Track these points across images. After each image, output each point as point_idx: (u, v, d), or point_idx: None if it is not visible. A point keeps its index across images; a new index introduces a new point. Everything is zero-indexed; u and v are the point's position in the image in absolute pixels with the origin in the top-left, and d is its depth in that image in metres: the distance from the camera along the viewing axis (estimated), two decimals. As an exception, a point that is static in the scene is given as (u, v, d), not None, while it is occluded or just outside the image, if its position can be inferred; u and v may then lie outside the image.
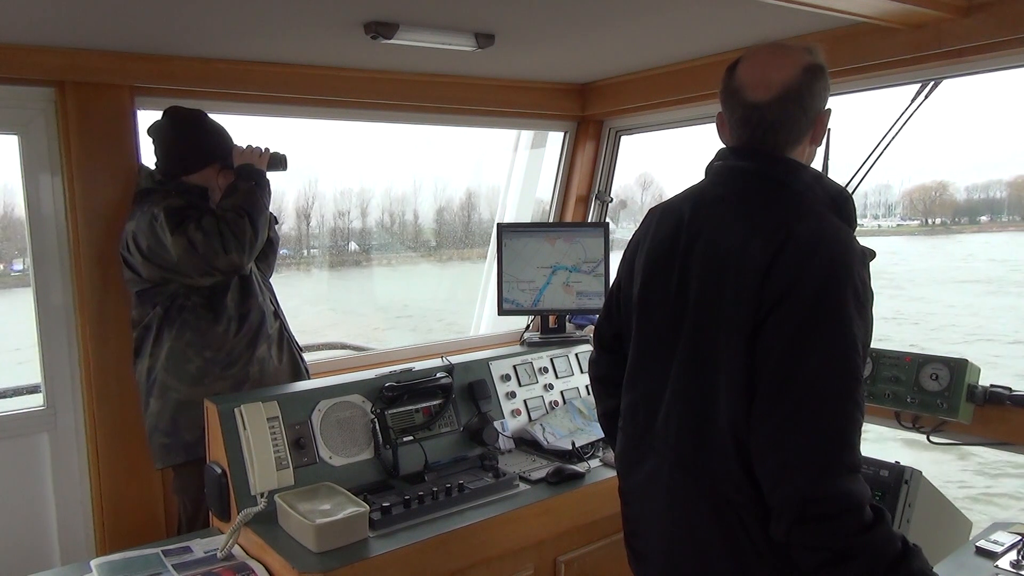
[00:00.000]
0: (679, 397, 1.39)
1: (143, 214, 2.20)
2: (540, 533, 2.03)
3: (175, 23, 2.09)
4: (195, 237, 2.14)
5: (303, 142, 2.53)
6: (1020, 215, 9.55)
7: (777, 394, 1.23)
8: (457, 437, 2.29)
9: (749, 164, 1.40)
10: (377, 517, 1.84)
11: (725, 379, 1.30)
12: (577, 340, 2.82)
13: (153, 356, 2.24)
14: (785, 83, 1.35)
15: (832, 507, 1.17)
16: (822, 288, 1.22)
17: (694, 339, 1.37)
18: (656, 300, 1.47)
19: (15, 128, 2.35)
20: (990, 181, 9.09)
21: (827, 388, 1.20)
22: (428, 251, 11.35)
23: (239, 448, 1.93)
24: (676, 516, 1.41)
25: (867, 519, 1.18)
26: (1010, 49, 2.00)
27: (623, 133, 3.49)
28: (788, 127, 1.37)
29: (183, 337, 2.22)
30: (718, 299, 1.33)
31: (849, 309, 1.21)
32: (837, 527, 1.17)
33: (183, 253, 2.13)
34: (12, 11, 1.92)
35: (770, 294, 1.24)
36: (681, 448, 1.38)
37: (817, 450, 1.19)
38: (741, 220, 1.35)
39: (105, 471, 2.45)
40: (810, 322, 1.22)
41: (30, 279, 2.44)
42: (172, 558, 1.81)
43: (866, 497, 1.19)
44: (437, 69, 2.85)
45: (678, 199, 1.52)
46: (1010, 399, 2.09)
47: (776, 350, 1.23)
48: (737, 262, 1.31)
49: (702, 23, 2.26)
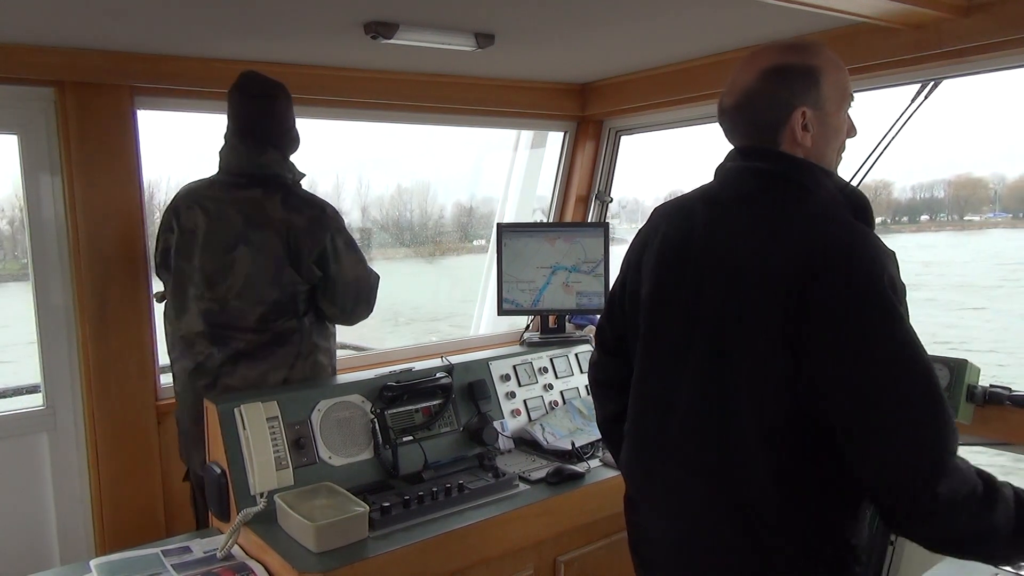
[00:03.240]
0: (698, 403, 1.35)
1: (311, 213, 2.17)
2: (540, 533, 2.03)
3: (175, 23, 2.09)
4: (366, 266, 2.30)
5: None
6: (958, 214, 9.60)
7: (868, 404, 1.19)
8: (457, 437, 2.29)
9: (768, 166, 1.36)
10: (377, 517, 1.84)
11: (751, 388, 1.27)
12: (577, 340, 2.82)
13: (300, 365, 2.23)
14: (744, 88, 1.37)
15: (958, 496, 1.16)
16: (871, 292, 1.19)
17: (712, 345, 1.33)
18: (668, 303, 1.42)
19: (15, 128, 2.35)
20: (935, 180, 9.12)
21: (921, 383, 1.18)
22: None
23: (239, 448, 1.93)
24: (694, 523, 1.37)
25: (980, 493, 1.18)
26: (1010, 49, 2.00)
27: (623, 133, 3.49)
28: (750, 131, 1.38)
29: (326, 343, 2.29)
30: (739, 305, 1.29)
31: (897, 307, 1.20)
32: (964, 513, 1.16)
33: (354, 281, 2.25)
34: (12, 11, 1.92)
35: (819, 305, 1.20)
36: (703, 456, 1.34)
37: (934, 444, 1.17)
38: (761, 222, 1.31)
39: (105, 471, 2.45)
40: (882, 326, 1.19)
41: (30, 279, 2.44)
42: (172, 558, 1.81)
43: (973, 472, 1.19)
44: (437, 69, 2.85)
45: (689, 199, 1.48)
46: (1010, 399, 2.09)
47: (847, 362, 1.19)
48: (761, 267, 1.27)
49: (702, 23, 2.26)
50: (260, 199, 2.15)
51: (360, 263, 2.27)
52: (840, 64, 1.39)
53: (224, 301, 2.14)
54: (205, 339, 2.17)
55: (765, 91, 1.35)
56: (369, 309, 2.35)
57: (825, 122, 1.36)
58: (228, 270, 2.13)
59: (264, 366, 2.16)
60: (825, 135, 1.37)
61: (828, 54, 1.37)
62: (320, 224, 2.18)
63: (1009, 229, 10.33)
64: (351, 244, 2.25)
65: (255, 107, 2.20)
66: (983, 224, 10.00)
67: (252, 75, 2.22)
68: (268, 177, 2.19)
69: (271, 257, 2.13)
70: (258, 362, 2.15)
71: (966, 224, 9.79)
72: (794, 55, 1.35)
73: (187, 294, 2.19)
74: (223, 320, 2.15)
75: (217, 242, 2.15)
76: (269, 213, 2.14)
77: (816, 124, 1.35)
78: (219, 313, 2.15)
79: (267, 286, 2.13)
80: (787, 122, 1.34)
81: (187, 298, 2.19)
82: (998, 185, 9.53)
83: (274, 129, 2.21)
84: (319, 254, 2.17)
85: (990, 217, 9.81)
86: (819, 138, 1.36)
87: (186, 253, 2.19)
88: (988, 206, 9.72)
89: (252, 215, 2.14)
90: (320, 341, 2.27)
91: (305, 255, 2.15)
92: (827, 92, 1.35)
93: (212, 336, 2.16)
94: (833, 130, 1.38)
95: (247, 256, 2.13)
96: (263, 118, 2.20)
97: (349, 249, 2.23)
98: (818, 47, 1.38)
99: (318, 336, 2.26)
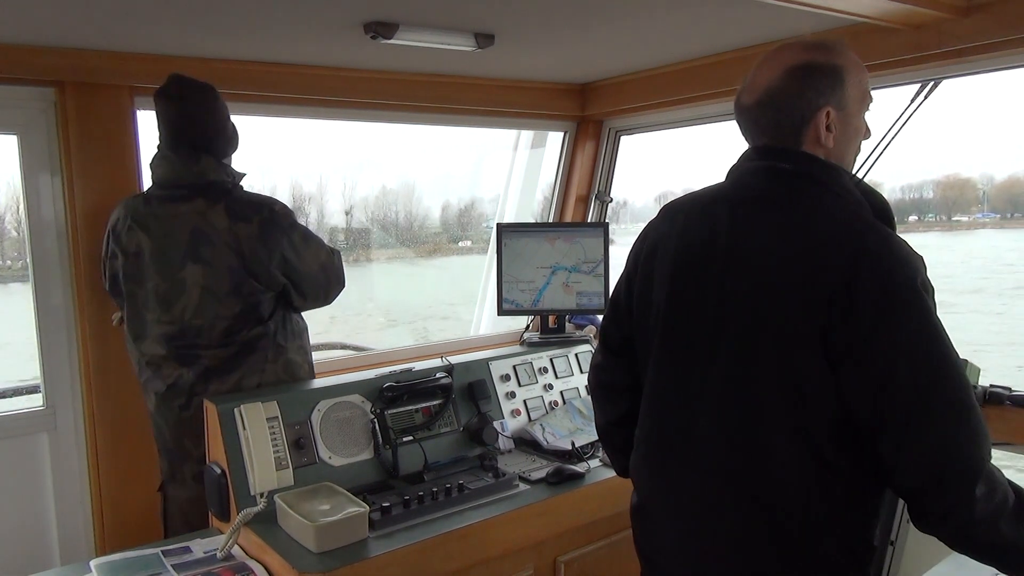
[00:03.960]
0: (725, 407, 1.32)
1: (259, 218, 2.09)
2: (540, 533, 2.03)
3: (175, 23, 2.09)
4: (327, 251, 2.23)
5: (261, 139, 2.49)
6: (946, 215, 9.59)
7: (910, 405, 1.19)
8: (457, 437, 2.29)
9: (793, 166, 1.34)
10: (377, 517, 1.84)
11: (782, 390, 1.26)
12: (577, 340, 2.82)
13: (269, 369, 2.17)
14: (767, 86, 1.34)
15: (993, 503, 1.18)
16: (907, 294, 1.19)
17: (740, 348, 1.30)
18: (690, 306, 1.38)
19: (15, 128, 2.35)
20: (924, 181, 9.12)
21: (960, 389, 1.19)
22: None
23: (239, 448, 1.93)
24: (717, 527, 1.35)
25: (1012, 503, 1.21)
26: (1010, 49, 2.00)
27: (623, 133, 3.49)
28: (771, 130, 1.35)
29: (296, 346, 2.23)
30: (769, 308, 1.27)
31: (932, 309, 1.20)
32: (1000, 520, 1.19)
33: (320, 270, 2.21)
34: (12, 11, 1.92)
35: (852, 308, 1.19)
36: (730, 459, 1.32)
37: (976, 451, 1.18)
38: (788, 224, 1.29)
39: (105, 471, 2.45)
40: (919, 332, 1.19)
41: (30, 279, 2.44)
42: (172, 558, 1.81)
43: (1005, 480, 1.22)
44: (437, 69, 2.85)
45: (704, 197, 1.44)
46: (1010, 399, 2.09)
47: (888, 364, 1.19)
48: (791, 270, 1.25)
49: (702, 23, 2.26)
50: (204, 211, 2.06)
51: (320, 250, 2.22)
52: (861, 64, 1.37)
53: (182, 321, 2.07)
54: (171, 361, 2.11)
55: (791, 89, 1.32)
56: (341, 285, 2.31)
57: (847, 123, 1.35)
58: (181, 289, 2.06)
59: (235, 376, 2.10)
60: (846, 136, 1.35)
61: (851, 54, 1.36)
62: (272, 226, 2.10)
63: (997, 230, 10.33)
64: (307, 236, 2.19)
65: (180, 111, 2.11)
66: (971, 224, 9.99)
67: (175, 77, 2.14)
68: (207, 186, 2.09)
69: (225, 270, 2.05)
70: (230, 374, 2.10)
71: (954, 225, 9.78)
72: (820, 54, 1.33)
73: (144, 318, 2.12)
74: (185, 340, 2.09)
75: (165, 262, 2.07)
76: (216, 225, 2.05)
77: (839, 124, 1.33)
78: (180, 335, 2.08)
79: (226, 299, 2.06)
80: (812, 121, 1.32)
81: (145, 322, 2.12)
82: (987, 185, 9.53)
83: (205, 132, 2.12)
84: (280, 259, 2.11)
85: (978, 217, 9.80)
86: (841, 139, 1.35)
87: (136, 277, 2.12)
88: (977, 206, 9.72)
89: (198, 229, 2.05)
90: (289, 341, 2.20)
91: (264, 262, 2.08)
92: (851, 92, 1.34)
93: (178, 357, 2.10)
94: (854, 131, 1.37)
95: (199, 272, 2.05)
96: (191, 122, 2.11)
97: (307, 243, 2.18)
98: (842, 46, 1.36)
99: (286, 336, 2.19)
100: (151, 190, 2.16)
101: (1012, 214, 10.17)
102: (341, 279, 2.31)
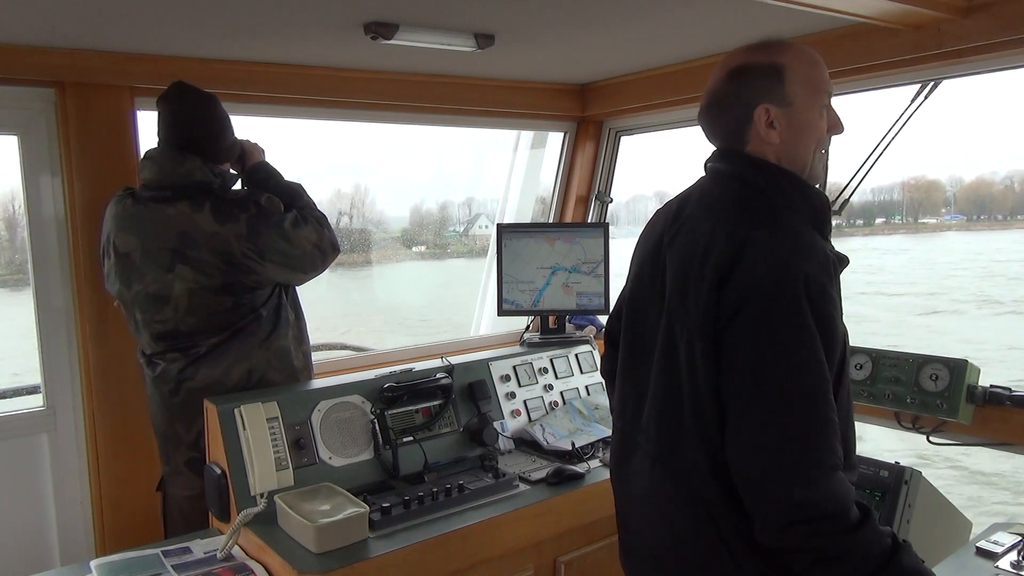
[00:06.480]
0: (657, 395, 1.41)
1: (247, 216, 2.06)
2: (540, 533, 2.03)
3: (175, 23, 2.09)
4: (317, 229, 2.19)
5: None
6: (913, 217, 9.60)
7: (747, 404, 1.23)
8: (457, 437, 2.29)
9: (728, 167, 1.41)
10: (377, 518, 1.84)
11: (689, 382, 1.32)
12: (577, 341, 2.82)
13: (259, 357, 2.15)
14: (712, 90, 1.42)
15: (818, 510, 1.16)
16: (777, 295, 1.22)
17: (666, 339, 1.38)
18: (643, 300, 1.48)
19: (15, 128, 2.35)
20: (893, 183, 9.12)
21: (794, 393, 1.20)
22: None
23: (239, 448, 1.93)
24: (656, 510, 1.42)
25: (854, 518, 1.18)
26: (1010, 49, 2.00)
27: (623, 133, 3.49)
28: (721, 132, 1.43)
29: (288, 335, 2.21)
30: (684, 301, 1.33)
31: (806, 316, 1.21)
32: (824, 529, 1.17)
33: (313, 248, 2.18)
34: (12, 11, 1.92)
35: (727, 301, 1.25)
36: (660, 445, 1.39)
37: (795, 454, 1.18)
38: (710, 223, 1.35)
39: (105, 471, 2.45)
40: (768, 329, 1.22)
41: (30, 279, 2.44)
42: (172, 559, 1.81)
43: (851, 496, 1.19)
44: (437, 69, 2.85)
45: (672, 201, 1.52)
46: (1010, 399, 2.09)
47: (739, 360, 1.24)
48: (699, 266, 1.31)
49: (702, 23, 2.26)
50: (189, 214, 2.04)
51: (309, 227, 2.18)
52: (813, 59, 1.37)
53: (174, 321, 2.07)
54: (164, 353, 2.12)
55: (729, 92, 1.39)
56: (336, 251, 2.28)
57: (794, 119, 1.35)
58: (170, 290, 2.05)
59: (226, 362, 2.09)
60: (795, 132, 1.36)
61: (797, 50, 1.37)
62: (262, 220, 2.08)
63: (963, 232, 10.30)
64: (296, 221, 2.16)
65: (174, 113, 2.12)
66: (938, 226, 9.99)
67: (177, 83, 2.15)
68: (191, 187, 2.07)
69: (214, 270, 2.04)
70: (219, 360, 2.09)
71: (920, 227, 9.78)
72: (759, 53, 1.37)
73: (135, 318, 2.13)
74: (178, 337, 2.09)
75: (153, 263, 2.06)
76: (203, 228, 2.03)
77: (783, 121, 1.35)
78: (171, 334, 2.09)
79: (216, 296, 2.06)
80: (750, 121, 1.36)
81: (137, 322, 2.14)
82: (954, 187, 9.54)
83: (195, 135, 2.11)
84: (273, 251, 2.10)
85: (945, 220, 9.81)
86: (788, 135, 1.36)
87: (125, 279, 2.11)
88: (944, 208, 9.73)
89: (185, 232, 2.03)
90: (281, 326, 2.18)
91: (255, 261, 2.07)
92: (793, 88, 1.34)
93: (172, 349, 2.11)
94: (805, 126, 1.37)
95: (188, 274, 2.04)
96: (183, 124, 2.11)
97: (296, 227, 2.15)
98: (785, 44, 1.37)
99: (278, 322, 2.18)
100: (140, 190, 2.16)
101: (979, 216, 10.20)
102: (335, 243, 2.29)
